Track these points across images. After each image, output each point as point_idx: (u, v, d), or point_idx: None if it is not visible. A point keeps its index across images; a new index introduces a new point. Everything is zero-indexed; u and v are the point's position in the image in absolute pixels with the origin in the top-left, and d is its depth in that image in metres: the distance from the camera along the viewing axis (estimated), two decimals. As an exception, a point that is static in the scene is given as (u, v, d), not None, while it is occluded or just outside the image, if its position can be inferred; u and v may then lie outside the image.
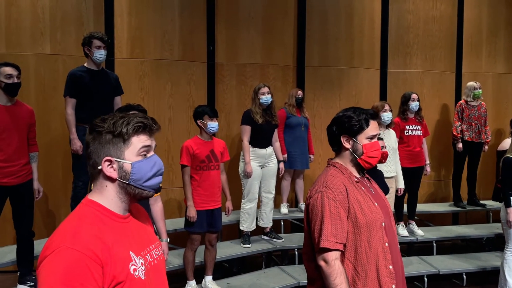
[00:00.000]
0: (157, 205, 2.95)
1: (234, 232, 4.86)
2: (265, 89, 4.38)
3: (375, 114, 2.07)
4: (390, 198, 4.37)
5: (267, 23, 5.31)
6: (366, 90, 5.74)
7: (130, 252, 1.28)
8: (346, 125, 2.01)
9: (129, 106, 2.83)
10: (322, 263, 1.87)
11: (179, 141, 3.67)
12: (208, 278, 3.86)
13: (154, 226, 2.95)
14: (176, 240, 4.57)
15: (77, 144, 3.67)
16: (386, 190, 3.67)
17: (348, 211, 1.91)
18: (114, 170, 1.29)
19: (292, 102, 4.87)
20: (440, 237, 5.06)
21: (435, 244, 4.94)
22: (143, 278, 1.28)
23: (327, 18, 5.53)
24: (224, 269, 4.61)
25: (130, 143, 1.29)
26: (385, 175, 4.21)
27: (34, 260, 3.52)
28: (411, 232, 4.98)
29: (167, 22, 4.94)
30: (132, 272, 1.25)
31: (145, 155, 1.32)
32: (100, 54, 3.76)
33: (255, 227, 4.55)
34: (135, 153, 1.30)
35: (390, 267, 1.91)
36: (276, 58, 5.36)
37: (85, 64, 3.85)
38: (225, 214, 3.88)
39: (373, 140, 2.03)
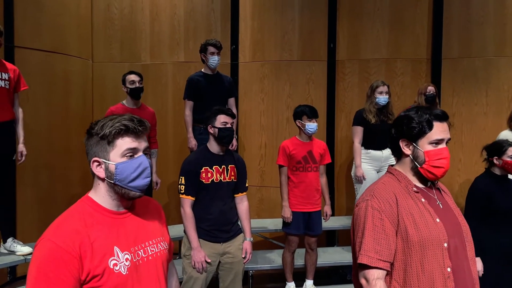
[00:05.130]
0: (242, 205, 2.99)
1: (350, 239, 4.59)
2: (384, 88, 4.02)
3: (442, 115, 1.70)
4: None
5: (395, 14, 4.85)
6: (524, 83, 4.73)
7: (115, 247, 1.34)
8: (405, 127, 1.72)
9: (218, 109, 2.96)
10: (363, 281, 1.65)
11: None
12: (309, 282, 3.75)
13: (240, 224, 3.02)
14: (284, 239, 4.57)
15: (192, 143, 4.00)
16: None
17: (398, 224, 1.64)
18: (102, 170, 1.37)
19: (421, 101, 4.34)
20: None
21: None
22: (124, 273, 1.33)
23: (469, 0, 4.75)
24: (339, 276, 4.42)
25: (114, 145, 1.36)
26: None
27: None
28: None
29: (287, 22, 4.96)
30: (111, 267, 1.31)
31: (131, 156, 1.37)
32: (213, 59, 4.01)
33: (369, 235, 4.21)
34: (119, 155, 1.36)
35: None
36: (405, 51, 4.85)
37: (202, 70, 4.17)
38: (323, 219, 3.70)
39: (439, 146, 1.69)
